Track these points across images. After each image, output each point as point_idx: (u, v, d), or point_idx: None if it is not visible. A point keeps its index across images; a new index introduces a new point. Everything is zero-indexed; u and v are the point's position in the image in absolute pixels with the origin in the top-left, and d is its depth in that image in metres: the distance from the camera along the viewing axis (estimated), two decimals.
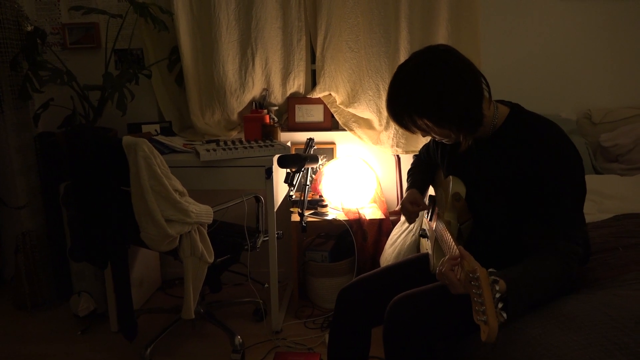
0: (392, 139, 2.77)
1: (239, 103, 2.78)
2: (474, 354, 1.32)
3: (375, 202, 2.83)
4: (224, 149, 2.29)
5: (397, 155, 2.85)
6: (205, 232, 2.07)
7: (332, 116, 2.86)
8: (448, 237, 1.35)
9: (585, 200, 1.33)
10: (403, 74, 1.33)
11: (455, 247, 1.25)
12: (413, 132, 1.40)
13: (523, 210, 1.31)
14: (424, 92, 1.27)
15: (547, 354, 1.11)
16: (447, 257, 1.25)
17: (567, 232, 1.26)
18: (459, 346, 1.40)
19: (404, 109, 1.32)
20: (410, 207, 1.64)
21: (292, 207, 2.77)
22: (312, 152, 2.54)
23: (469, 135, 1.33)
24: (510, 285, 1.15)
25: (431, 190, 1.77)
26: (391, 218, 2.72)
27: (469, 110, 1.28)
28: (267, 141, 2.49)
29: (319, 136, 2.85)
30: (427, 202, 1.70)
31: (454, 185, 1.45)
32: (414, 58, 1.33)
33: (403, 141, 2.76)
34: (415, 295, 1.42)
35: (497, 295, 1.04)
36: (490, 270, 1.08)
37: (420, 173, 1.77)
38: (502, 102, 1.41)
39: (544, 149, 1.27)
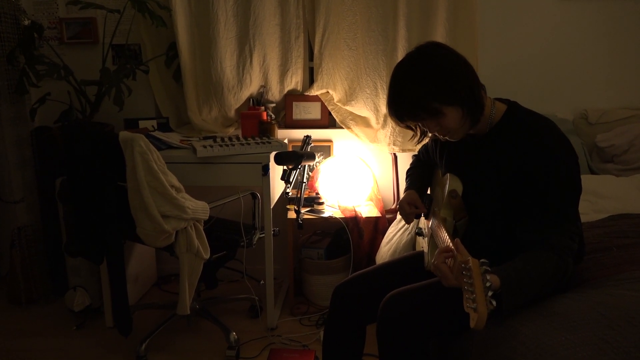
0: (389, 138, 2.77)
1: (236, 100, 2.77)
2: (466, 351, 1.33)
3: (371, 200, 2.84)
4: (220, 146, 2.29)
5: (394, 154, 2.85)
6: (201, 228, 2.07)
7: (330, 114, 2.86)
8: (443, 232, 1.35)
9: (581, 200, 1.33)
10: (404, 67, 1.34)
11: (449, 240, 1.25)
12: (415, 129, 1.40)
13: (518, 206, 1.32)
14: (432, 72, 1.29)
15: (540, 352, 1.12)
16: (440, 249, 1.25)
17: (562, 228, 1.27)
18: (452, 343, 1.41)
19: (412, 98, 1.30)
20: (407, 207, 1.64)
21: (289, 204, 2.77)
22: (309, 150, 2.54)
23: (473, 118, 1.33)
24: (504, 282, 1.16)
25: (428, 190, 1.77)
26: (387, 216, 2.72)
27: (474, 89, 1.30)
28: (264, 138, 2.49)
29: (316, 134, 2.85)
30: (424, 202, 1.70)
31: (451, 182, 1.46)
32: (409, 54, 1.36)
33: (400, 139, 2.77)
34: (409, 291, 1.42)
35: (488, 284, 1.04)
36: (482, 260, 1.08)
37: (419, 174, 1.77)
38: (499, 99, 1.42)
39: (539, 145, 1.28)
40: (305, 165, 2.45)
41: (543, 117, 1.35)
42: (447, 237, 1.30)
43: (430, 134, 1.41)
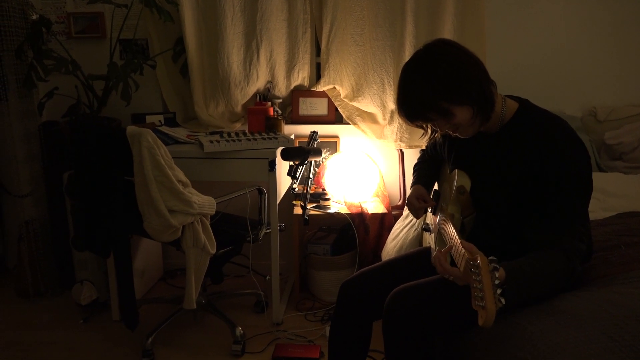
0: (396, 134, 2.76)
1: (243, 95, 2.77)
2: (472, 348, 1.32)
3: (377, 196, 2.83)
4: (227, 141, 2.29)
5: (401, 150, 2.84)
6: (207, 223, 2.07)
7: (336, 110, 2.86)
8: (451, 229, 1.35)
9: None
10: (412, 67, 1.32)
11: (457, 238, 1.25)
12: (425, 128, 1.40)
13: (527, 205, 1.31)
14: (442, 72, 1.27)
15: (547, 350, 1.11)
16: (445, 248, 1.25)
17: (572, 229, 1.27)
18: (458, 340, 1.41)
19: (422, 99, 1.29)
20: (416, 202, 1.64)
21: (295, 199, 2.77)
22: (315, 145, 2.54)
23: (484, 116, 1.32)
24: (509, 275, 1.15)
25: (435, 185, 1.77)
26: (394, 212, 2.72)
27: (484, 87, 1.28)
28: (270, 134, 2.49)
29: (322, 129, 2.85)
30: (431, 197, 1.70)
31: (459, 178, 1.45)
32: (417, 53, 1.34)
33: (407, 136, 2.76)
34: (414, 287, 1.42)
35: (497, 282, 1.04)
36: (491, 258, 1.08)
37: (426, 169, 1.77)
38: (511, 97, 1.41)
39: (551, 145, 1.27)
40: (311, 161, 2.45)
41: (555, 115, 1.33)
42: (455, 233, 1.30)
43: (440, 131, 1.40)
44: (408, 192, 1.72)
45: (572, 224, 1.27)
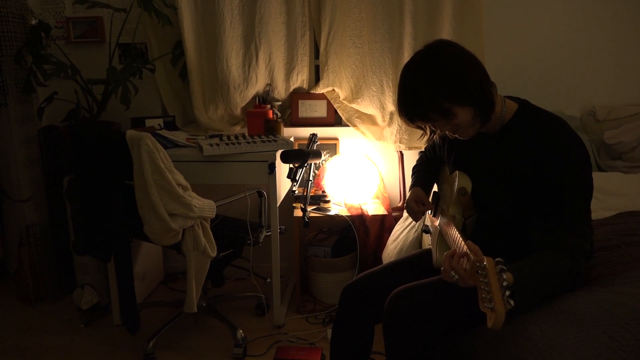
0: (395, 135, 2.77)
1: (242, 98, 2.78)
2: (473, 348, 1.32)
3: (378, 198, 2.83)
4: (227, 144, 2.29)
5: (400, 152, 2.84)
6: (208, 226, 2.07)
7: (336, 112, 2.86)
8: (454, 231, 1.34)
9: None
10: (413, 68, 1.32)
11: (461, 240, 1.24)
12: (425, 129, 1.39)
13: (530, 206, 1.31)
14: (444, 72, 1.27)
15: (548, 349, 1.12)
16: (454, 252, 1.24)
17: (575, 228, 1.27)
18: (459, 340, 1.41)
19: (423, 99, 1.28)
20: (415, 206, 1.64)
21: (295, 202, 2.77)
22: (315, 148, 2.54)
23: (484, 118, 1.32)
24: (517, 277, 1.15)
25: (434, 187, 1.77)
26: (394, 214, 2.72)
27: (485, 88, 1.28)
28: (270, 136, 2.49)
29: (322, 132, 2.85)
30: (431, 199, 1.70)
31: (460, 179, 1.45)
32: (417, 54, 1.34)
33: (406, 137, 2.76)
34: (413, 288, 1.42)
35: (505, 283, 1.03)
36: (498, 259, 1.08)
37: (425, 171, 1.77)
38: (510, 97, 1.41)
39: (551, 145, 1.27)
40: (311, 164, 2.45)
41: (554, 115, 1.34)
42: (458, 234, 1.29)
43: (439, 132, 1.40)
44: (408, 193, 1.72)
45: (575, 223, 1.27)
